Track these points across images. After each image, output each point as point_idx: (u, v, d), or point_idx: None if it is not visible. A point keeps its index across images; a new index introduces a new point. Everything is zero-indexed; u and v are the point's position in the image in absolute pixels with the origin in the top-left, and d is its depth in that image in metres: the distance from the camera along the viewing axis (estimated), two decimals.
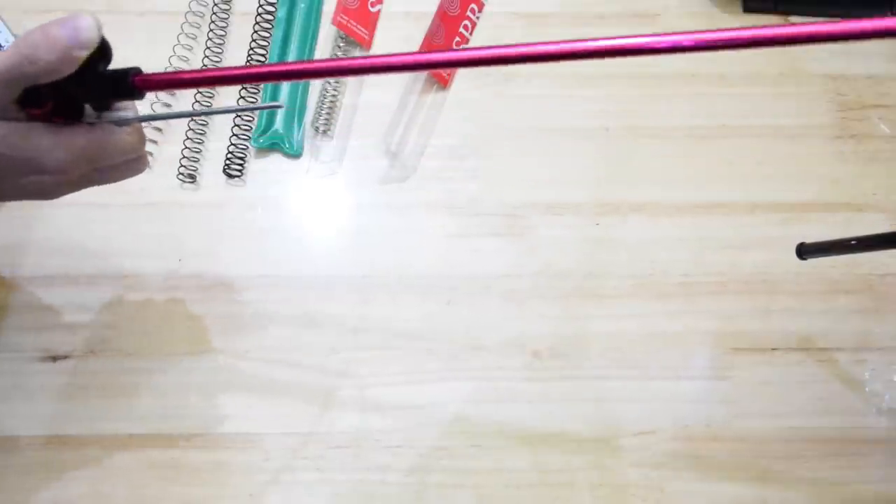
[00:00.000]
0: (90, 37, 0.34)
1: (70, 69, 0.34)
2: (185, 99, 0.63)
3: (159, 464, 0.54)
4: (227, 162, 0.61)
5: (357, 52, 0.66)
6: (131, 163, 0.41)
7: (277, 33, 0.65)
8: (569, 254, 0.60)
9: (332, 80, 0.64)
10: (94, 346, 0.56)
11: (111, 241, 0.59)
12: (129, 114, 0.39)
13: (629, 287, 0.59)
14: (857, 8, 0.68)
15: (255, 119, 0.63)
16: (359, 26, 0.65)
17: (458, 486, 0.54)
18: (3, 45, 0.63)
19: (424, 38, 0.63)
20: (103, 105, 0.39)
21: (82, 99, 0.38)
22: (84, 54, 0.34)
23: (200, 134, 0.62)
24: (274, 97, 0.63)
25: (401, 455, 0.55)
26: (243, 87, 0.63)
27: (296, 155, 0.63)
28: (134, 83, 0.37)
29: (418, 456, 0.55)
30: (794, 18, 0.68)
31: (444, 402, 0.56)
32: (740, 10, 0.68)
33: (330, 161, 0.63)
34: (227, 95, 0.63)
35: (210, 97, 0.63)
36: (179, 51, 0.64)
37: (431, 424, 0.55)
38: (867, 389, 0.57)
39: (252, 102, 0.63)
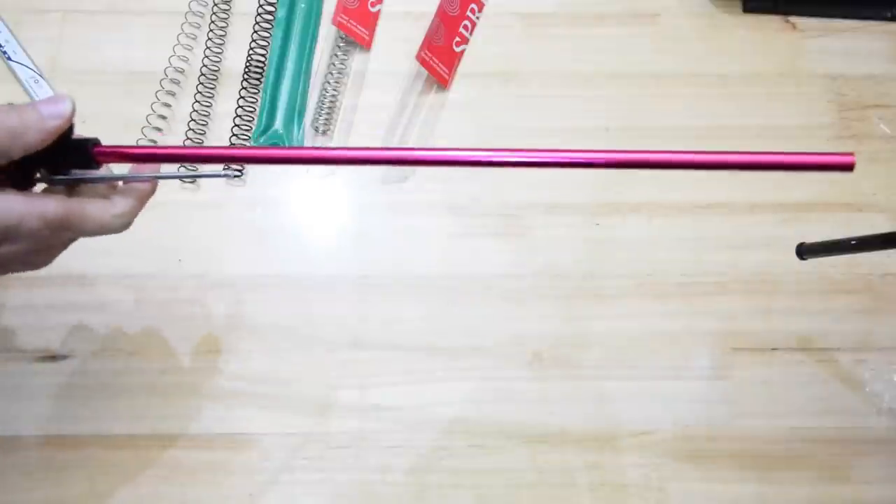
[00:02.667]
0: (70, 116, 0.36)
1: (45, 145, 0.36)
2: (186, 100, 0.63)
3: (159, 464, 0.54)
4: (228, 162, 0.61)
5: (357, 52, 0.66)
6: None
7: (277, 33, 0.65)
8: (569, 254, 0.60)
9: (331, 80, 0.64)
10: (93, 346, 0.56)
11: (111, 240, 0.59)
12: (100, 173, 0.39)
13: (629, 287, 0.59)
14: (857, 8, 0.68)
15: (255, 119, 0.63)
16: (359, 26, 0.65)
17: (458, 486, 0.54)
18: (2, 44, 0.63)
19: (424, 38, 0.63)
20: (58, 171, 0.38)
21: (38, 163, 0.37)
22: (63, 129, 0.36)
23: (200, 134, 0.62)
24: (273, 97, 0.63)
25: (401, 455, 0.55)
26: (243, 87, 0.63)
27: None
28: (93, 154, 0.38)
29: (418, 456, 0.55)
30: (793, 19, 0.68)
31: (444, 402, 0.56)
32: (740, 10, 0.68)
33: None
34: (228, 96, 0.63)
35: (210, 97, 0.63)
36: (179, 51, 0.64)
37: (431, 424, 0.55)
38: (867, 389, 0.57)
39: (252, 101, 0.63)
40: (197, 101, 0.63)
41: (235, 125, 0.62)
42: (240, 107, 0.63)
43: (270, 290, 0.58)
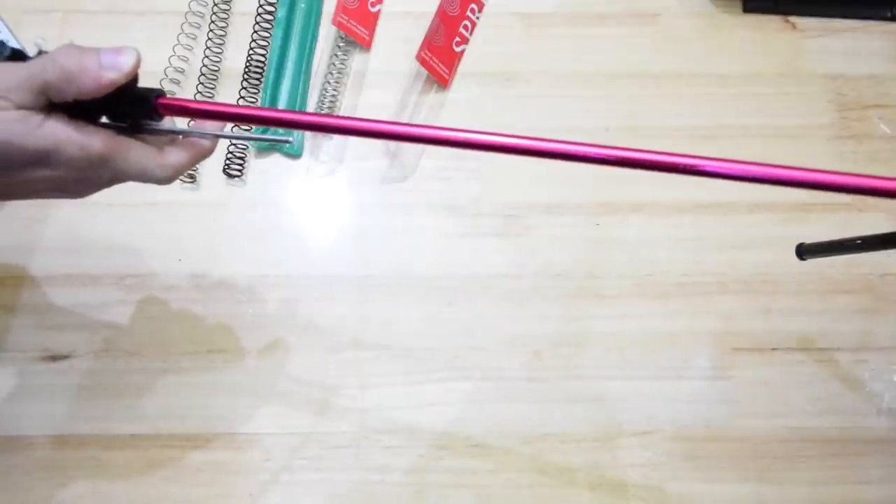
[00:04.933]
0: (130, 71, 0.36)
1: (101, 94, 0.36)
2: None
3: (159, 464, 0.54)
4: (227, 162, 0.61)
5: (357, 52, 0.66)
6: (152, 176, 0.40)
7: (277, 33, 0.65)
8: (569, 254, 0.60)
9: (331, 80, 0.64)
10: (94, 347, 0.56)
11: (112, 241, 0.59)
12: (163, 125, 0.40)
13: (629, 287, 0.59)
14: (857, 8, 0.68)
15: None
16: (359, 26, 0.65)
17: (458, 486, 0.54)
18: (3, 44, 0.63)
19: (424, 38, 0.63)
20: (121, 118, 0.39)
21: (101, 109, 0.38)
22: (119, 83, 0.36)
23: None
24: (273, 97, 0.63)
25: (401, 455, 0.55)
26: (243, 87, 0.63)
27: (296, 155, 0.63)
28: (155, 106, 0.38)
29: (418, 456, 0.55)
30: (793, 18, 0.68)
31: (444, 403, 0.56)
32: (740, 9, 0.68)
33: (330, 161, 0.63)
34: (228, 96, 0.63)
35: (210, 97, 0.63)
36: (179, 51, 0.64)
37: (431, 424, 0.55)
38: (867, 389, 0.57)
39: (252, 101, 0.63)
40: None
41: (235, 125, 0.62)
42: None
43: (270, 290, 0.58)
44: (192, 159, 0.41)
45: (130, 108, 0.38)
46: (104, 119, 0.38)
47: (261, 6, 0.65)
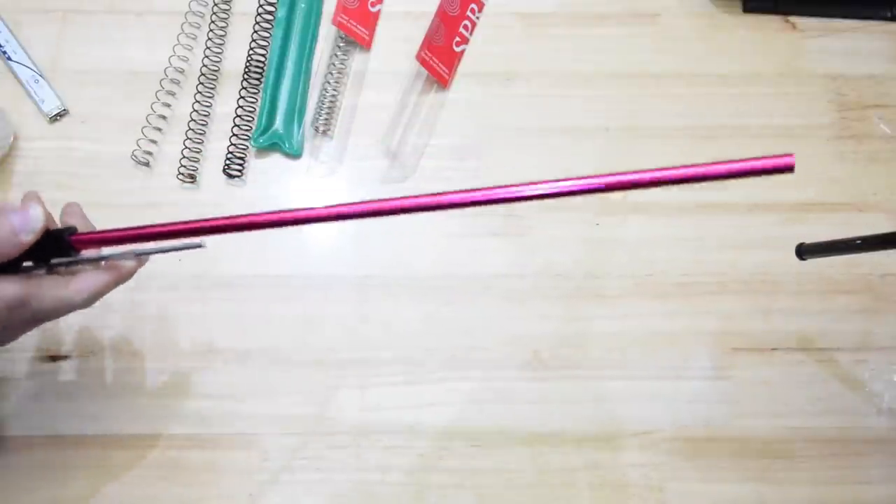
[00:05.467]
0: (42, 227, 0.38)
1: (20, 254, 0.37)
2: (186, 100, 0.63)
3: (159, 464, 0.54)
4: (227, 162, 0.61)
5: (357, 52, 0.66)
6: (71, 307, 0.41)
7: (277, 33, 0.65)
8: (569, 254, 0.60)
9: (331, 80, 0.64)
10: (94, 346, 0.56)
11: None
12: (81, 256, 0.41)
13: (629, 287, 0.59)
14: (857, 8, 0.68)
15: (256, 119, 0.63)
16: (359, 26, 0.65)
17: (458, 486, 0.54)
18: (2, 44, 0.63)
19: (424, 38, 0.63)
20: (37, 259, 0.40)
21: (19, 258, 0.39)
22: (35, 240, 0.38)
23: (200, 134, 0.62)
24: (273, 97, 0.63)
25: (401, 455, 0.55)
26: (243, 87, 0.63)
27: (296, 155, 0.63)
28: (70, 243, 0.39)
29: (418, 456, 0.55)
30: (793, 18, 0.68)
31: (444, 402, 0.56)
32: (740, 9, 0.68)
33: (330, 161, 0.63)
34: (228, 96, 0.63)
35: (210, 97, 0.63)
36: (179, 51, 0.64)
37: (431, 424, 0.55)
38: (867, 389, 0.57)
39: (252, 101, 0.63)
40: (197, 101, 0.63)
41: (235, 125, 0.62)
42: (240, 107, 0.63)
43: (270, 290, 0.58)
44: (112, 280, 0.42)
45: (46, 249, 0.39)
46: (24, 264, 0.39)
47: (261, 6, 0.65)
